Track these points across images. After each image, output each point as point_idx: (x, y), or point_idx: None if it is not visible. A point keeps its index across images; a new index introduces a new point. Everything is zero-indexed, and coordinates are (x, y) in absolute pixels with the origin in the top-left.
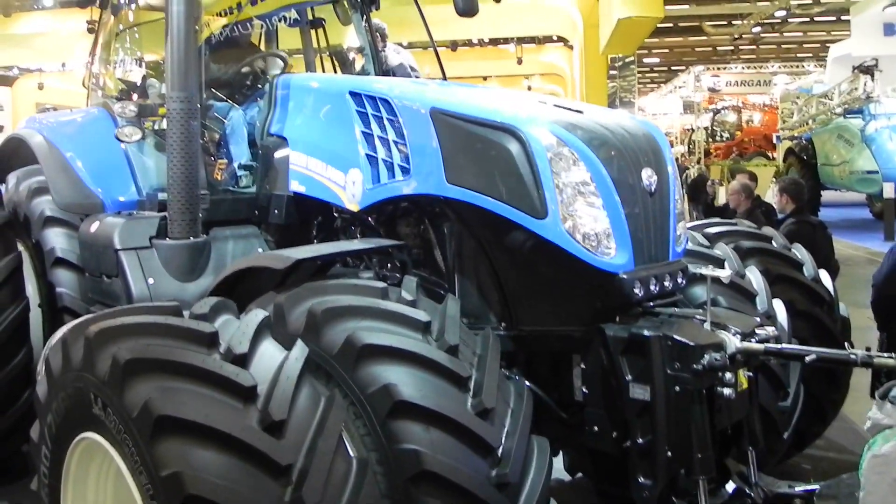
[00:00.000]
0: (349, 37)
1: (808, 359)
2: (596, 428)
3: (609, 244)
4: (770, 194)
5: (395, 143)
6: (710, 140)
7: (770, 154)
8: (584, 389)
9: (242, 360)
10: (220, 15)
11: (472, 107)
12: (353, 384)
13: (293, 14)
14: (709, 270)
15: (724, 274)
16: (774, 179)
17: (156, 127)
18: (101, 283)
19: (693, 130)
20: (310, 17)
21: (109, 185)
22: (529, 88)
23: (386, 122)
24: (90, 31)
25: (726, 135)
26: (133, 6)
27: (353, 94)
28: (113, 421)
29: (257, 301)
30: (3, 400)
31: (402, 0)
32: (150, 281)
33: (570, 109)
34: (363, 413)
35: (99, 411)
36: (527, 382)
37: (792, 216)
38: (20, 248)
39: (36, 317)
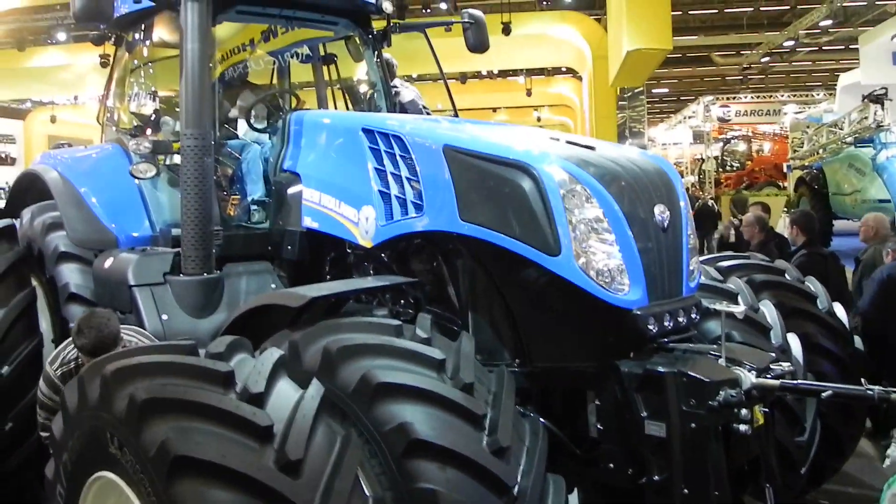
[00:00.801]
0: (358, 71)
1: (824, 395)
2: (611, 464)
3: (623, 280)
4: (781, 225)
5: (408, 179)
6: (721, 170)
7: (781, 183)
8: (599, 426)
9: (259, 400)
10: (233, 52)
11: (485, 143)
12: (369, 423)
13: (305, 50)
14: (723, 306)
15: (739, 309)
16: (786, 210)
17: (167, 162)
18: None
19: (703, 160)
20: (322, 53)
21: (123, 221)
22: (539, 120)
23: (399, 158)
24: (103, 65)
25: (736, 164)
26: (147, 43)
27: (366, 131)
28: (129, 460)
29: (272, 339)
30: (16, 434)
31: (411, 34)
32: (164, 317)
33: (581, 146)
34: (379, 452)
35: (115, 450)
36: (541, 419)
37: (803, 248)
38: (34, 283)
39: (49, 352)
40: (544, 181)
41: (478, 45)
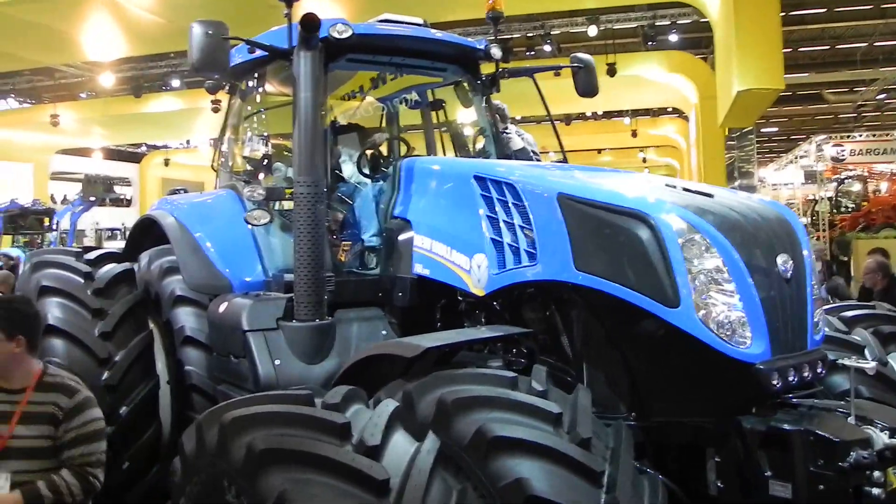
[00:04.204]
0: (467, 116)
1: None
2: None
3: (745, 333)
4: None
5: (521, 227)
6: (835, 211)
7: None
8: (719, 483)
9: (375, 452)
10: (344, 98)
11: (600, 191)
12: (484, 477)
13: (414, 96)
14: (853, 361)
15: (870, 365)
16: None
17: (276, 208)
18: (229, 363)
19: (816, 201)
20: (430, 98)
21: (237, 266)
22: (644, 161)
23: (511, 206)
24: (214, 111)
25: (851, 205)
26: (260, 91)
27: (478, 179)
28: None
29: (386, 389)
30: (133, 473)
31: (518, 78)
32: (277, 362)
33: (699, 193)
34: None
35: (233, 499)
36: (659, 476)
37: None
38: (151, 325)
39: (165, 393)
40: (662, 230)
41: (587, 88)
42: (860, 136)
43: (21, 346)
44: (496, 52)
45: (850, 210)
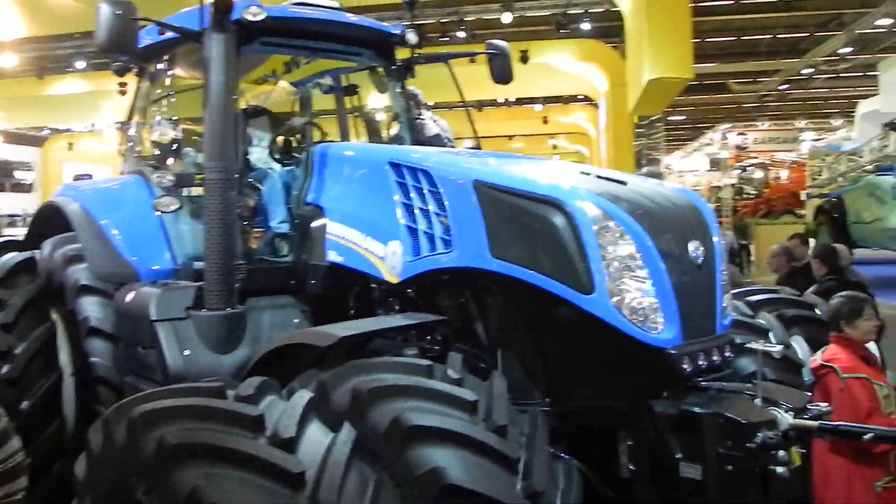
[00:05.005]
0: (381, 102)
1: (865, 437)
2: None
3: (657, 319)
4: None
5: (437, 214)
6: (738, 197)
7: (798, 211)
8: (631, 466)
9: (290, 445)
10: (256, 83)
11: (516, 178)
12: (401, 466)
13: (328, 80)
14: (760, 345)
15: (777, 349)
16: (792, 235)
17: (185, 194)
18: (136, 354)
19: (720, 188)
20: (344, 83)
21: (144, 254)
22: (554, 147)
23: (427, 193)
24: (121, 93)
25: (754, 192)
26: (170, 74)
27: (393, 165)
28: None
29: (299, 379)
30: (35, 471)
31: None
32: (186, 352)
33: (612, 180)
34: (410, 496)
35: (142, 496)
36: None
37: (827, 277)
38: (54, 316)
39: (69, 386)
40: (577, 217)
41: (502, 75)
42: (763, 125)
43: None
44: (412, 37)
45: (752, 197)
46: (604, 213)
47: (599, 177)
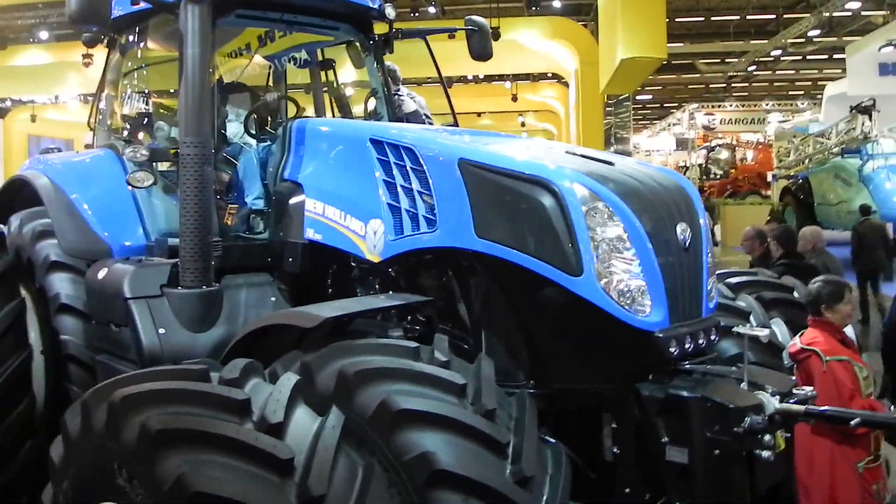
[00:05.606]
0: (345, 74)
1: (853, 422)
2: (627, 489)
3: (644, 301)
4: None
5: (420, 193)
6: (704, 177)
7: (764, 192)
8: (615, 449)
9: (278, 430)
10: (231, 56)
11: (503, 158)
12: (389, 451)
13: (303, 54)
14: (747, 329)
15: (763, 333)
16: (770, 218)
17: (159, 168)
18: (109, 332)
19: (687, 168)
20: (320, 58)
21: (117, 230)
22: (523, 125)
23: (410, 171)
24: (86, 65)
25: (720, 172)
26: (142, 46)
27: (375, 142)
28: (139, 493)
29: (281, 361)
30: (4, 451)
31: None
32: (161, 331)
33: (599, 160)
34: (398, 480)
35: (124, 482)
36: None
37: (782, 259)
38: (23, 293)
39: (38, 364)
40: (566, 198)
41: (481, 52)
42: (730, 105)
43: None
44: (391, 12)
45: (718, 177)
46: (592, 194)
47: (585, 157)
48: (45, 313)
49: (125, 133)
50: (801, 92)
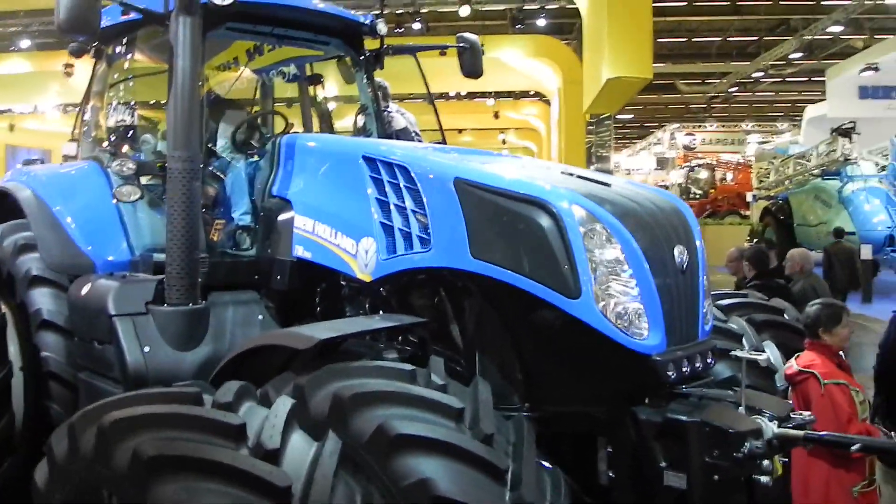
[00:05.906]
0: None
1: (853, 448)
2: None
3: (641, 324)
4: None
5: (414, 212)
6: (684, 197)
7: (743, 212)
8: (611, 473)
9: (274, 457)
10: (219, 69)
11: (499, 178)
12: (386, 477)
13: (292, 69)
14: (745, 353)
15: (762, 357)
16: (749, 239)
17: (144, 182)
18: (92, 349)
19: (667, 187)
20: (308, 72)
21: (101, 244)
22: (504, 143)
23: (404, 189)
24: (67, 75)
25: (700, 192)
26: (130, 57)
27: (367, 159)
28: None
29: (273, 383)
30: None
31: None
32: (146, 349)
33: (595, 181)
34: None
35: None
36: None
37: (755, 280)
38: (3, 308)
39: (18, 381)
40: (564, 219)
41: (472, 69)
42: (710, 126)
43: None
44: (382, 27)
45: (698, 196)
46: (590, 216)
47: (582, 177)
48: (25, 329)
49: (110, 146)
50: (781, 113)
